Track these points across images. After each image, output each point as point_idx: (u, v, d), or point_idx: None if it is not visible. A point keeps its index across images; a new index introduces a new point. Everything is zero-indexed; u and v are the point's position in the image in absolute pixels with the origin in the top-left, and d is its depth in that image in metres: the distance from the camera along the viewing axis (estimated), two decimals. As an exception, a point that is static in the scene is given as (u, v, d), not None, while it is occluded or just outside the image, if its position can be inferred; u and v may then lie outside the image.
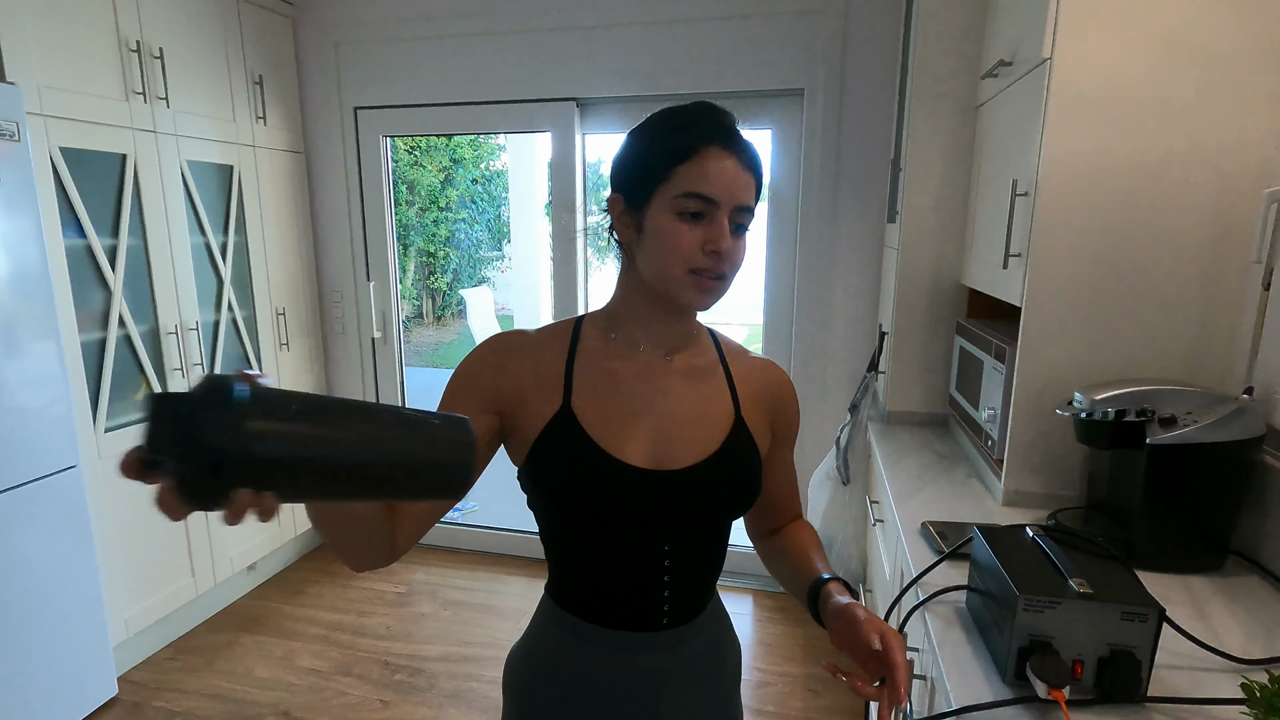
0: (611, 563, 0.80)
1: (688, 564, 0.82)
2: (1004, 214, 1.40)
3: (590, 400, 0.79)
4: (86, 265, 2.05)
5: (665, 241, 0.75)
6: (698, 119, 0.76)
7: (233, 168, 2.51)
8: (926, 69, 1.82)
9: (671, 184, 0.74)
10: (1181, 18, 1.15)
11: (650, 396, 0.81)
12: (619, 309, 0.84)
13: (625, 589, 0.81)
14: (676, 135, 0.76)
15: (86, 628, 1.97)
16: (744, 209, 0.76)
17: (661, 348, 0.84)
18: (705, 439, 0.81)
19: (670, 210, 0.75)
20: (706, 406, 0.84)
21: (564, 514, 0.79)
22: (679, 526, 0.80)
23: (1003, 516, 1.35)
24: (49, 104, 1.89)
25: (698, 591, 0.85)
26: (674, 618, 0.83)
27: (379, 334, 3.00)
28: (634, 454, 0.78)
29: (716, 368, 0.87)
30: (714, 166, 0.74)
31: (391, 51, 2.69)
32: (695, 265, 0.75)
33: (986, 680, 0.86)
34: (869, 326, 2.50)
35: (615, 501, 0.77)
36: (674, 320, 0.83)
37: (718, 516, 0.82)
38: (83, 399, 2.02)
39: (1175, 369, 1.26)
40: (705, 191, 0.74)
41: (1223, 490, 1.11)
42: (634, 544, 0.80)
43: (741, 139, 0.77)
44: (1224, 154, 1.18)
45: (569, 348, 0.82)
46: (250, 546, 2.67)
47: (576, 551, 0.82)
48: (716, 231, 0.74)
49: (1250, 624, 0.98)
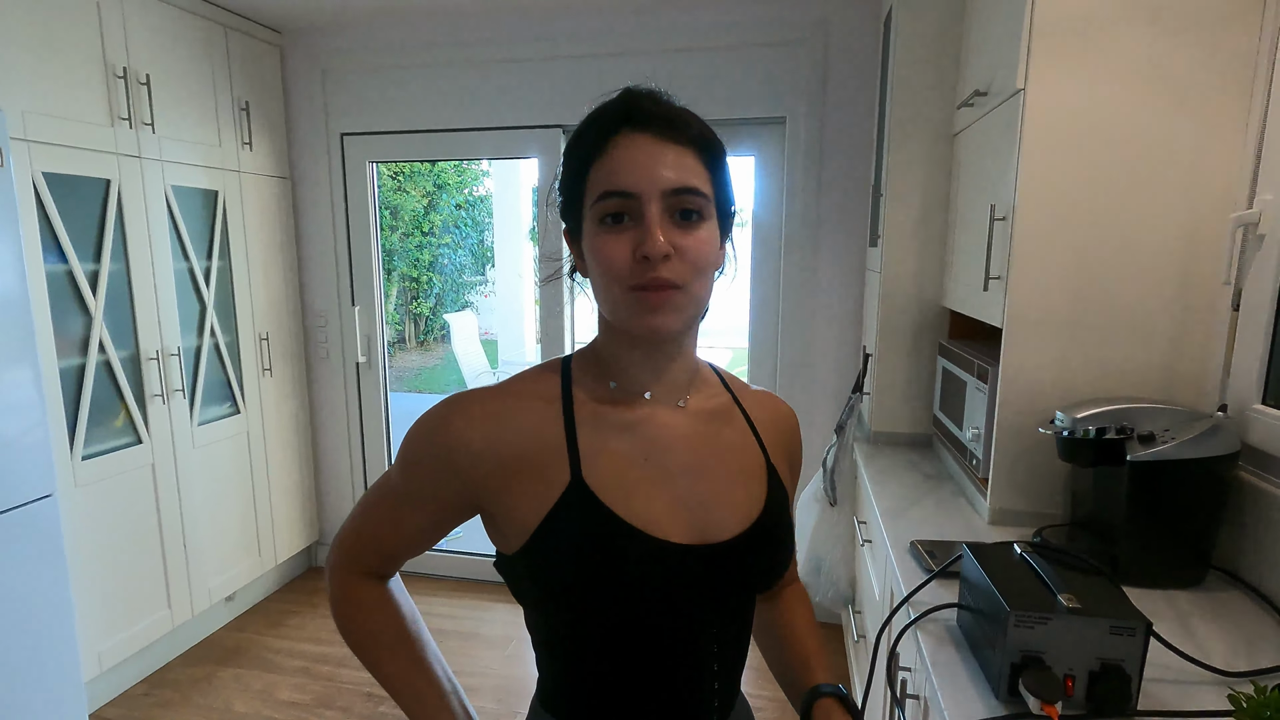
0: (650, 666, 0.65)
1: (733, 647, 0.70)
2: (983, 238, 1.44)
3: (605, 467, 0.64)
4: (67, 290, 2.02)
5: (596, 260, 0.62)
6: (608, 108, 0.64)
7: (218, 193, 2.50)
8: (905, 98, 1.88)
9: (589, 192, 0.62)
10: (1148, 49, 1.20)
11: (676, 454, 0.68)
12: (607, 354, 0.70)
13: (669, 694, 0.66)
14: (585, 133, 0.64)
15: (58, 662, 1.91)
16: (683, 190, 0.61)
17: (669, 392, 0.70)
18: (747, 499, 0.69)
19: (594, 222, 0.62)
20: (739, 459, 0.71)
21: (584, 612, 0.63)
22: (729, 606, 0.68)
23: (989, 535, 1.36)
24: (33, 129, 1.88)
25: (740, 670, 0.73)
26: (723, 711, 0.70)
27: (363, 359, 2.98)
28: (672, 528, 0.64)
29: (733, 409, 0.74)
30: (627, 154, 0.60)
31: (378, 79, 2.72)
32: (633, 281, 0.61)
33: (980, 697, 0.87)
34: (853, 348, 2.53)
35: (659, 590, 0.63)
36: (665, 357, 0.68)
37: (767, 586, 0.70)
38: (60, 426, 1.98)
39: (1152, 387, 1.29)
40: (620, 186, 0.60)
41: (1202, 506, 1.14)
42: (679, 639, 0.66)
43: (661, 109, 0.63)
44: (1192, 180, 1.23)
45: (562, 402, 0.67)
46: (229, 576, 2.61)
47: (600, 656, 0.66)
48: (643, 231, 0.60)
49: (1233, 637, 1.00)
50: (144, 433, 2.25)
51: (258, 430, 2.72)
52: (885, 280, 1.98)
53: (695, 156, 0.63)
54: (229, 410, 2.60)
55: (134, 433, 2.23)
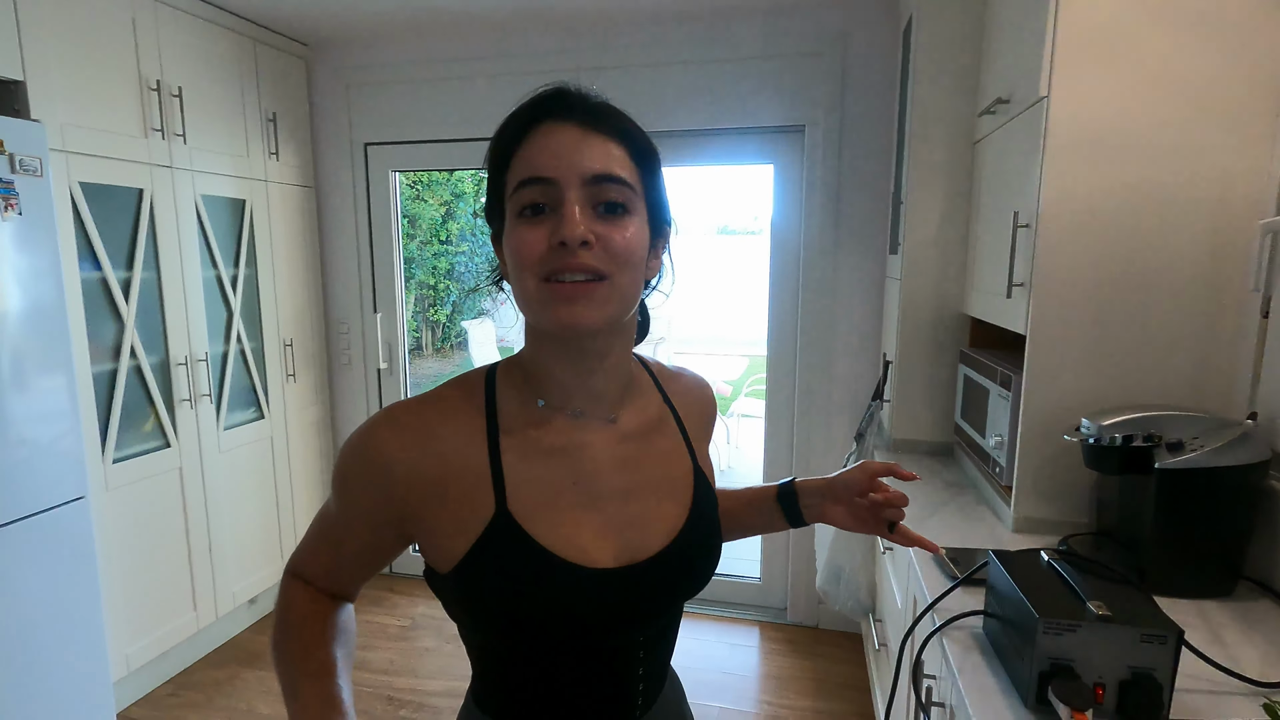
0: (579, 672, 0.67)
1: (661, 645, 0.73)
2: (1006, 245, 1.44)
3: (532, 497, 0.63)
4: (101, 297, 2.07)
5: (514, 253, 0.59)
6: (531, 100, 0.61)
7: (245, 202, 2.55)
8: (925, 107, 1.88)
9: (509, 185, 0.60)
10: (1172, 55, 1.20)
11: (604, 478, 0.66)
12: (533, 364, 0.67)
13: (596, 696, 0.68)
14: (506, 126, 0.61)
15: (87, 663, 1.94)
16: (605, 178, 0.58)
17: (599, 407, 0.67)
18: (673, 510, 0.69)
19: (512, 215, 0.59)
20: (667, 471, 0.71)
21: (514, 635, 0.64)
22: (657, 616, 0.69)
23: (1013, 543, 1.35)
24: (71, 141, 1.94)
25: (666, 663, 0.76)
26: (646, 702, 0.73)
27: (385, 365, 3.02)
28: (599, 553, 0.64)
29: (664, 412, 0.74)
30: (547, 141, 0.58)
31: (402, 91, 2.76)
32: (545, 269, 0.58)
33: (1008, 705, 0.86)
34: (873, 356, 2.53)
35: (584, 614, 0.63)
36: (589, 369, 0.65)
37: (695, 589, 0.71)
38: (92, 430, 2.03)
39: (1179, 394, 1.28)
40: (539, 172, 0.58)
41: (1232, 514, 1.12)
42: (605, 648, 0.67)
43: (582, 98, 0.61)
44: (1218, 186, 1.22)
45: (486, 425, 0.64)
46: (252, 580, 2.65)
47: (528, 665, 0.67)
48: (561, 219, 0.57)
49: (1266, 647, 0.98)
50: (172, 437, 2.29)
51: (281, 435, 2.76)
52: (906, 287, 1.97)
53: (622, 148, 0.60)
54: (254, 415, 2.64)
55: (162, 436, 2.27)
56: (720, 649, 2.56)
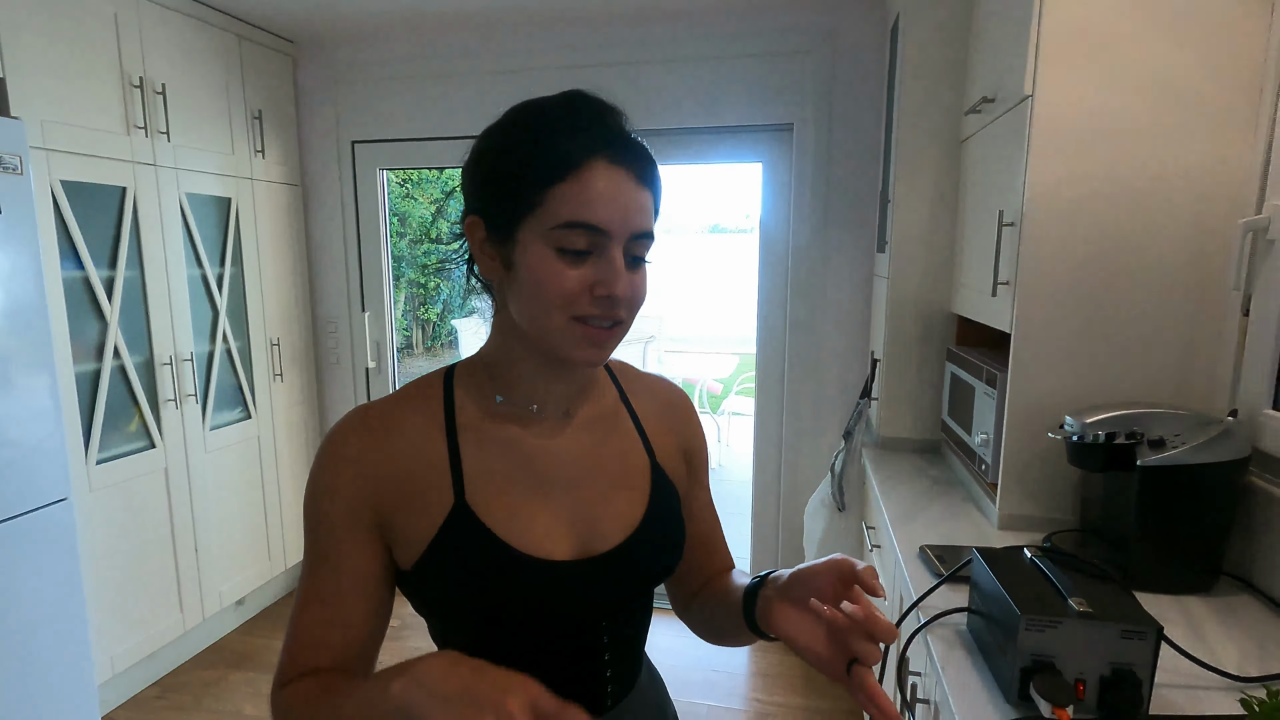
0: (542, 663, 0.64)
1: (627, 635, 0.73)
2: (991, 244, 1.45)
3: (489, 488, 0.64)
4: (83, 297, 2.05)
5: (542, 285, 0.59)
6: (578, 121, 0.60)
7: (230, 200, 2.53)
8: (912, 106, 1.89)
9: (547, 210, 0.59)
10: (1155, 54, 1.21)
11: (559, 469, 0.68)
12: (499, 362, 0.68)
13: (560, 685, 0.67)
14: (551, 144, 0.59)
15: (71, 665, 1.92)
16: (643, 236, 0.61)
17: (557, 403, 0.69)
18: (628, 506, 0.70)
19: (547, 244, 0.59)
20: (623, 464, 0.71)
21: (474, 626, 0.65)
22: (617, 608, 0.70)
23: (999, 540, 1.36)
24: (51, 138, 1.92)
25: (636, 655, 0.76)
26: (617, 694, 0.73)
27: (373, 364, 3.00)
28: (555, 546, 0.65)
29: (619, 409, 0.74)
30: (603, 187, 0.58)
31: (390, 88, 2.75)
32: (580, 312, 0.60)
33: (991, 702, 0.87)
34: (861, 354, 2.53)
35: (542, 606, 0.64)
36: (565, 375, 0.68)
37: (656, 584, 0.72)
38: (75, 430, 2.00)
39: (1162, 392, 1.29)
40: (593, 220, 0.58)
41: (1213, 511, 1.13)
42: (568, 640, 0.68)
43: (635, 144, 0.61)
44: (1200, 185, 1.23)
45: (444, 420, 0.66)
46: (239, 581, 2.63)
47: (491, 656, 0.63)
48: (608, 270, 0.59)
49: (1245, 643, 0.99)
50: (157, 437, 2.27)
51: (268, 435, 2.74)
52: (893, 286, 1.98)
53: (653, 201, 0.63)
54: (240, 415, 2.63)
55: (147, 437, 2.25)
56: (709, 647, 2.56)
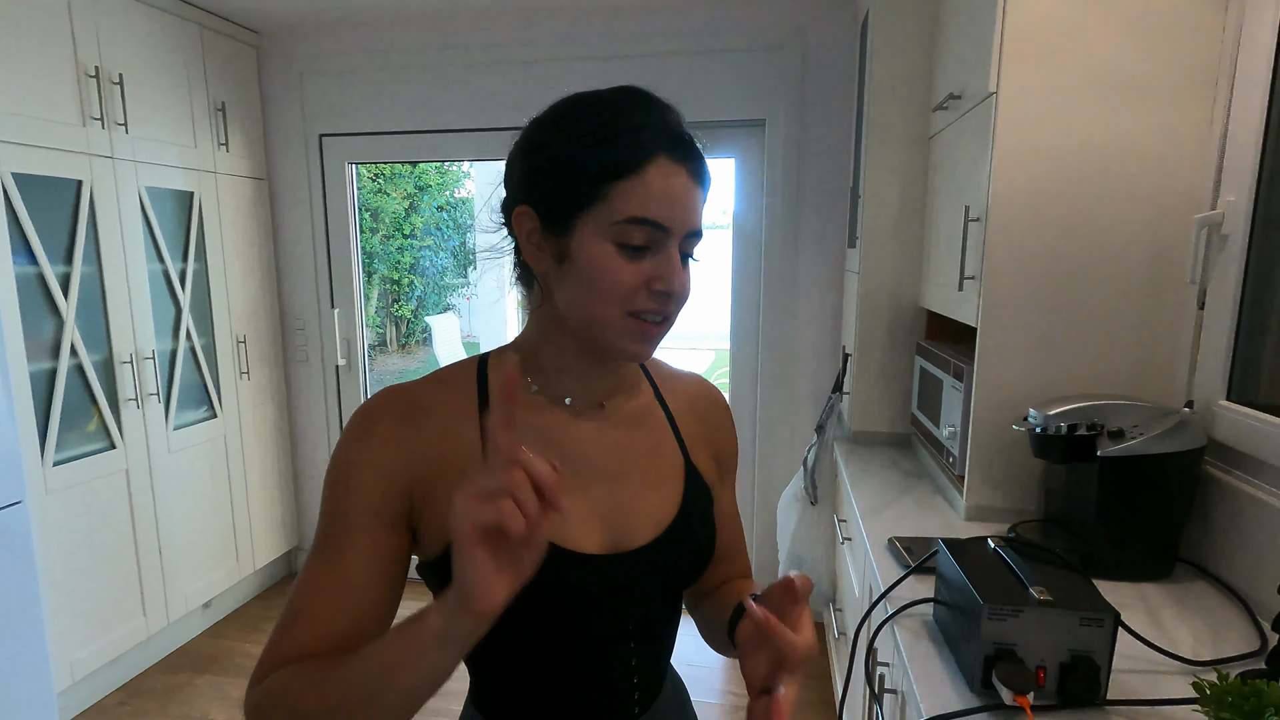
0: (569, 663, 0.66)
1: (654, 640, 0.72)
2: (958, 239, 1.46)
3: None
4: (37, 293, 1.98)
5: (601, 279, 0.60)
6: (640, 117, 0.61)
7: (193, 194, 2.47)
8: (881, 102, 1.90)
9: (609, 205, 0.59)
10: (1115, 53, 1.23)
11: (591, 462, 0.67)
12: (539, 352, 0.68)
13: (588, 689, 0.67)
14: (615, 141, 0.59)
15: (29, 673, 1.87)
16: (696, 234, 0.63)
17: (592, 396, 0.69)
18: (661, 503, 0.69)
19: (608, 239, 0.60)
20: (656, 462, 0.71)
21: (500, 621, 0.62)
22: (645, 609, 0.69)
23: (966, 531, 1.38)
24: (2, 129, 1.85)
25: (662, 663, 0.75)
26: (644, 703, 0.72)
27: (343, 361, 2.95)
28: (585, 539, 0.64)
29: (654, 406, 0.74)
30: (666, 185, 0.59)
31: (357, 80, 2.70)
32: (636, 307, 0.61)
33: (955, 690, 0.88)
34: (833, 349, 2.56)
35: (570, 600, 0.63)
36: (606, 369, 0.69)
37: (685, 585, 0.72)
38: (30, 432, 1.94)
39: (1121, 384, 1.32)
40: (655, 217, 0.59)
41: (1170, 499, 1.16)
42: (596, 641, 0.67)
43: (692, 143, 0.63)
44: (1157, 181, 1.25)
45: (478, 407, 0.65)
46: (206, 583, 2.57)
47: (519, 657, 0.66)
48: (666, 266, 0.60)
49: (1199, 627, 1.02)
50: (117, 438, 2.21)
51: (235, 434, 2.69)
52: (864, 281, 2.00)
53: (704, 201, 0.65)
54: (205, 414, 2.57)
55: (107, 438, 2.19)
56: (684, 640, 2.55)
